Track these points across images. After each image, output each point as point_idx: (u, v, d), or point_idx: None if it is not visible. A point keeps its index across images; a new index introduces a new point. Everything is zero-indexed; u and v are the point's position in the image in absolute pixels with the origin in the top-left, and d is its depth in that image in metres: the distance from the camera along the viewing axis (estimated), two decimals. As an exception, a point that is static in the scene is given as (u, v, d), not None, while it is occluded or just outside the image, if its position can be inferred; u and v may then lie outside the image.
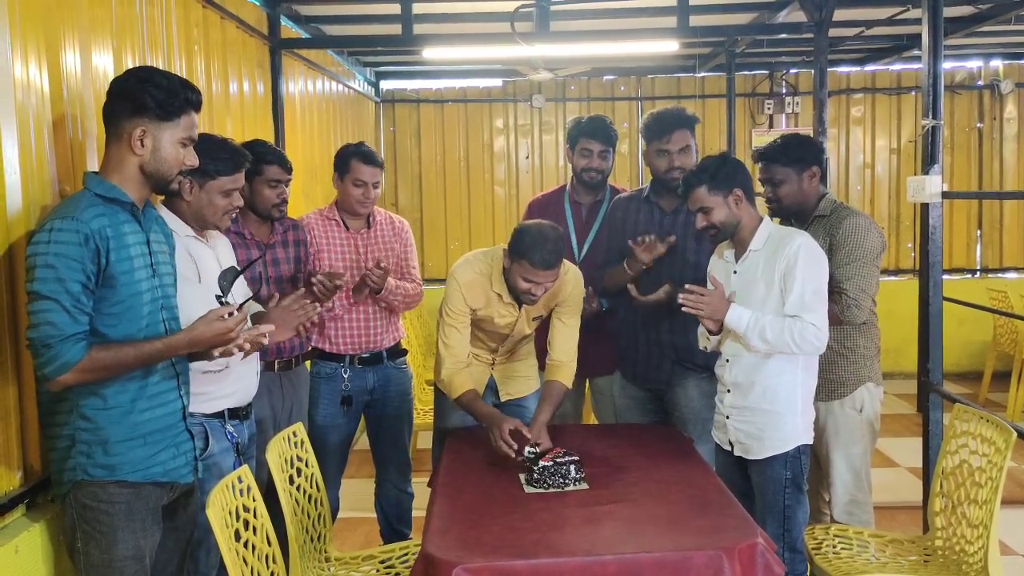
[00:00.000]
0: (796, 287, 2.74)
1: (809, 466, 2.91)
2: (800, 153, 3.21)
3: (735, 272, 2.93)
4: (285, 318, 2.80)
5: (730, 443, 2.94)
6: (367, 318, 3.63)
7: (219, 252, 2.75)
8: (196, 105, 2.26)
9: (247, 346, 2.29)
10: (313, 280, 3.25)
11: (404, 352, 3.85)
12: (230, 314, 2.19)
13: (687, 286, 2.87)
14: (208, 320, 2.17)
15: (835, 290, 3.04)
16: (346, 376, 3.61)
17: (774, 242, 2.83)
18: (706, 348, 3.00)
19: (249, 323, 2.36)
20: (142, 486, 2.20)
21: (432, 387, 3.76)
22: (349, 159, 3.59)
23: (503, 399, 3.40)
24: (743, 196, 2.84)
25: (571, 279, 3.19)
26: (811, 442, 2.88)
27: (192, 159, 2.28)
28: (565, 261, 3.10)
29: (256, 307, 2.95)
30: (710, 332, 2.93)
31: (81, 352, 2.02)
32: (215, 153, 2.60)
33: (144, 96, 2.16)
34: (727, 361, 2.93)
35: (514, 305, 3.16)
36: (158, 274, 2.26)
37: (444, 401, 3.38)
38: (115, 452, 2.15)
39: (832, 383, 3.18)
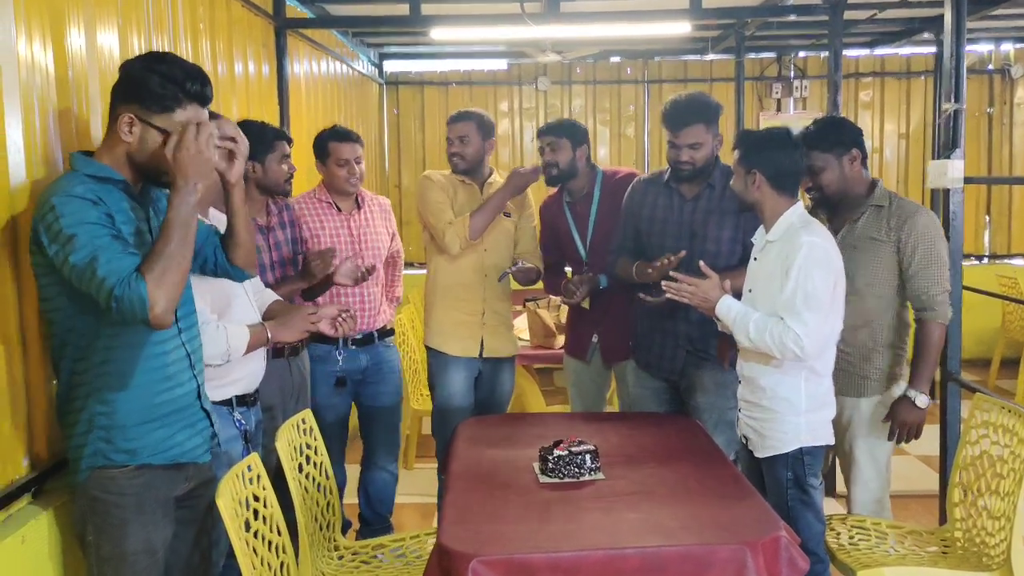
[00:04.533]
0: (788, 288, 2.64)
1: (821, 465, 2.82)
2: (839, 136, 3.06)
3: (755, 259, 2.86)
4: (291, 319, 2.75)
5: (745, 437, 2.89)
6: (362, 300, 3.66)
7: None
8: (199, 98, 2.10)
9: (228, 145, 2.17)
10: (311, 262, 3.28)
11: (392, 332, 3.92)
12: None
13: (672, 274, 2.83)
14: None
15: (922, 297, 2.98)
16: (340, 357, 3.64)
17: (789, 236, 2.72)
18: (727, 330, 2.92)
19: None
20: (156, 473, 2.15)
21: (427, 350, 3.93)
22: (326, 143, 3.64)
23: (485, 355, 3.73)
24: (764, 182, 2.75)
25: (529, 194, 3.84)
26: (819, 443, 2.77)
27: None
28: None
29: (272, 296, 2.91)
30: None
31: (139, 283, 1.90)
32: None
33: (140, 83, 2.06)
34: (739, 352, 2.87)
35: (475, 188, 3.73)
36: None
37: (438, 362, 3.75)
38: (134, 436, 2.10)
39: (863, 380, 3.09)
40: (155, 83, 2.05)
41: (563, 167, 3.64)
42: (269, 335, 2.65)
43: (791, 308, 2.63)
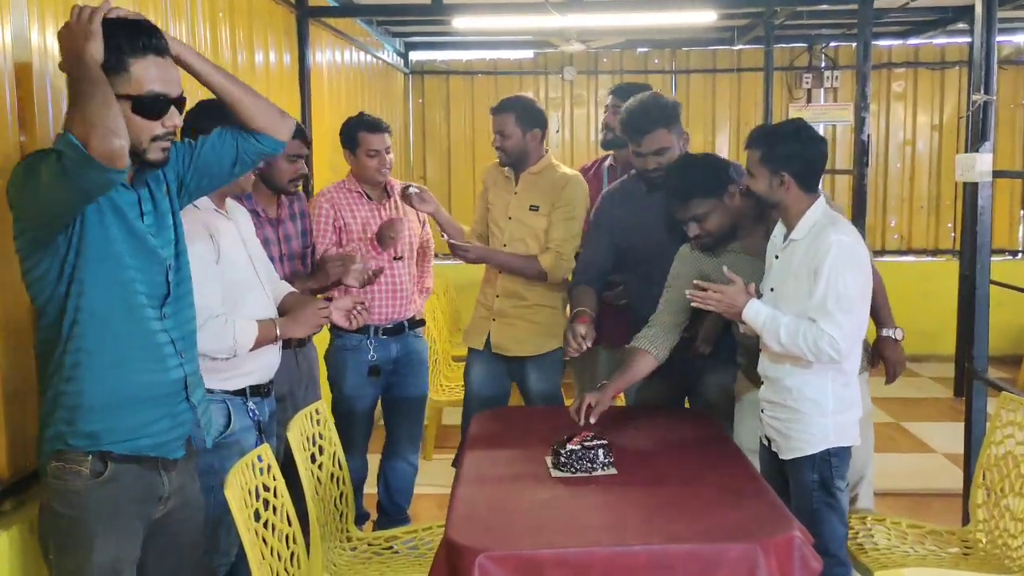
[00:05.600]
0: (819, 289, 2.55)
1: (848, 467, 2.72)
2: (715, 178, 2.90)
3: (776, 258, 2.78)
4: (303, 314, 2.68)
5: (767, 438, 2.83)
6: (393, 290, 3.65)
7: (240, 226, 2.69)
8: (150, 49, 1.90)
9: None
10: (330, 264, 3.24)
11: (422, 323, 3.90)
12: None
13: (695, 282, 2.74)
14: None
15: None
16: (372, 346, 3.63)
17: (815, 233, 2.63)
18: (752, 334, 2.84)
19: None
20: (126, 468, 2.00)
21: (459, 363, 3.93)
22: (355, 132, 3.59)
23: (493, 349, 3.65)
24: (793, 182, 2.64)
25: (571, 183, 3.60)
26: (846, 444, 2.68)
27: (172, 119, 1.96)
28: (568, 170, 3.70)
29: (286, 287, 2.87)
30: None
31: (66, 136, 1.71)
32: (214, 111, 2.32)
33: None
34: (761, 351, 2.80)
35: (511, 180, 3.66)
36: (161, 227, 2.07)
37: (470, 359, 3.74)
38: (98, 419, 1.94)
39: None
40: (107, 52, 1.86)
41: (619, 132, 3.61)
42: (278, 332, 2.58)
43: (823, 310, 2.54)
